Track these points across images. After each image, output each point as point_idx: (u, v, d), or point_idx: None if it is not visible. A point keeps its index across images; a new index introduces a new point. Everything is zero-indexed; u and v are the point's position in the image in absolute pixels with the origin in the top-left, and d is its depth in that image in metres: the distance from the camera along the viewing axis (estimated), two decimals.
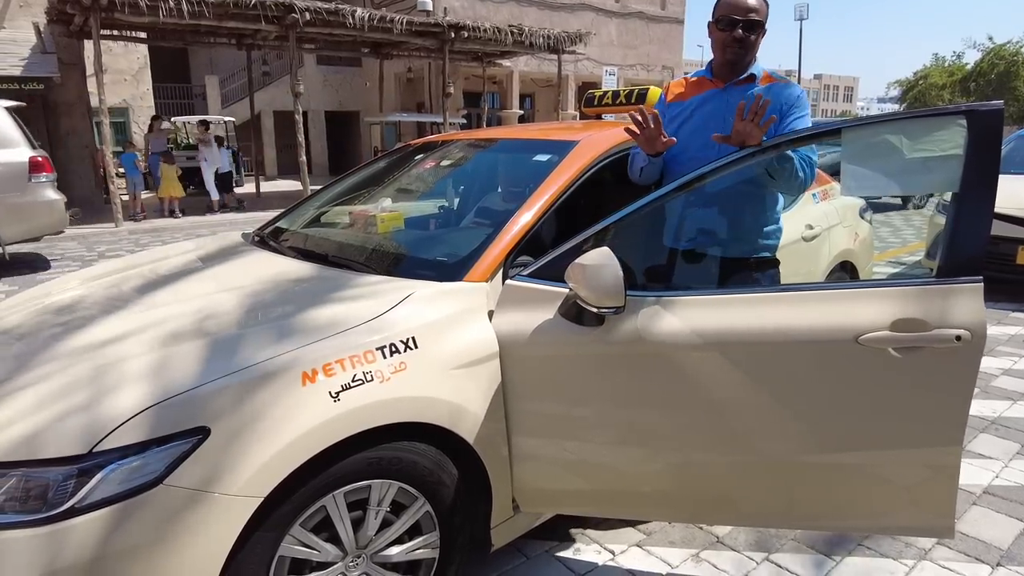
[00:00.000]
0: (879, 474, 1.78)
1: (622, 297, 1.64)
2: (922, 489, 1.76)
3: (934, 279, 1.66)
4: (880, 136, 1.77)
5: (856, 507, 1.84)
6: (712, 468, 1.84)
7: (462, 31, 12.69)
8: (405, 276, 1.92)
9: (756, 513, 1.91)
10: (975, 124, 1.63)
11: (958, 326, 1.60)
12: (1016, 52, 36.64)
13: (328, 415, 1.47)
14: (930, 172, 1.76)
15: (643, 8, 20.55)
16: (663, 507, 1.96)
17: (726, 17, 2.05)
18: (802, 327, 1.67)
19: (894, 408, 1.70)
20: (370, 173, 3.17)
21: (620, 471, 1.88)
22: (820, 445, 1.76)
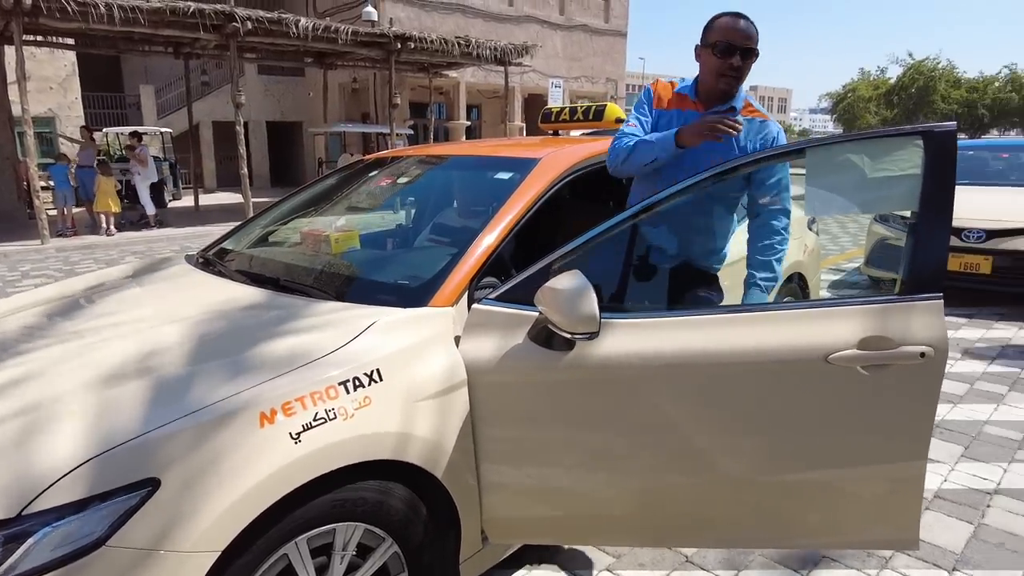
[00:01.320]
0: (847, 491, 1.79)
1: (596, 322, 1.61)
2: (889, 503, 1.78)
3: (897, 297, 1.70)
4: (842, 155, 1.81)
5: (825, 525, 1.85)
6: (685, 491, 1.82)
7: (408, 42, 12.59)
8: (366, 302, 1.84)
9: (729, 535, 1.90)
10: (931, 144, 1.68)
11: (922, 343, 1.64)
12: (933, 68, 38.90)
13: (289, 458, 1.37)
14: (890, 190, 1.82)
15: (587, 21, 20.87)
16: (635, 532, 1.92)
17: (723, 43, 1.99)
18: (775, 346, 1.67)
19: (862, 425, 1.72)
20: (321, 190, 3.06)
21: (592, 497, 1.84)
22: (791, 464, 1.76)
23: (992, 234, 5.54)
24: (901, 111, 39.40)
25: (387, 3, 16.35)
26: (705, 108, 2.10)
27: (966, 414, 3.48)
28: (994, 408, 3.57)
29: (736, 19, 2.01)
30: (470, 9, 18.03)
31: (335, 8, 17.37)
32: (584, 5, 20.89)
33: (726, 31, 1.99)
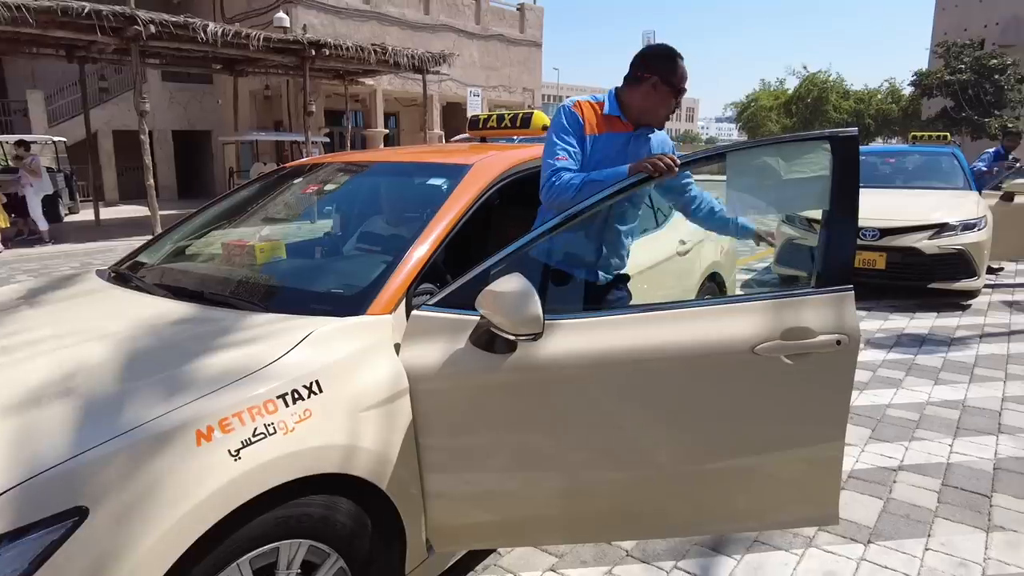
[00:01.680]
0: (772, 474, 1.90)
1: (540, 323, 1.63)
2: (810, 483, 1.91)
3: (814, 289, 1.82)
4: (760, 159, 1.93)
5: (753, 508, 1.95)
6: (625, 485, 1.87)
7: (323, 48, 12.32)
8: (300, 313, 1.79)
9: (665, 525, 1.98)
10: (836, 148, 1.82)
11: (837, 331, 1.77)
12: (825, 80, 41.70)
13: (229, 476, 1.32)
14: (803, 191, 1.97)
15: (503, 31, 21.10)
16: (577, 529, 1.96)
17: (677, 85, 2.18)
18: (708, 339, 1.76)
19: (785, 411, 1.84)
20: (240, 200, 2.95)
21: (535, 498, 1.86)
22: (723, 452, 1.86)
23: (885, 232, 6.01)
24: (799, 120, 41.99)
25: (300, 9, 15.95)
26: (635, 128, 2.24)
27: (871, 399, 3.75)
28: (894, 392, 3.86)
29: (681, 61, 2.20)
30: (386, 17, 17.86)
31: (244, 13, 16.78)
32: (499, 16, 21.12)
33: (679, 73, 2.18)
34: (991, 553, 2.30)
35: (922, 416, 3.51)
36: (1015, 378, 4.10)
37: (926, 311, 5.77)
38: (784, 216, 6.72)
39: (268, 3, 16.26)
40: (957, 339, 4.96)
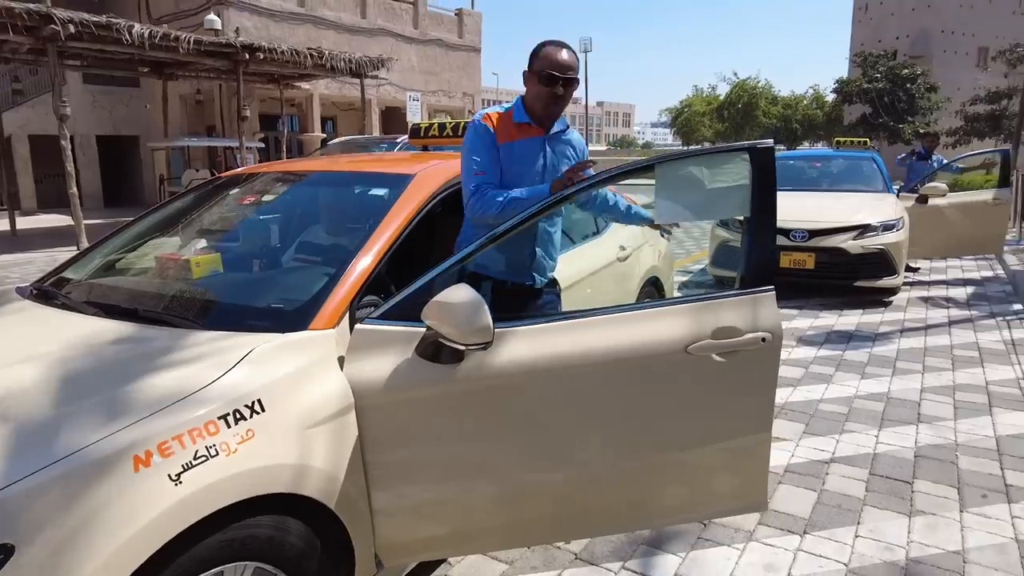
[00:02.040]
0: (706, 466, 2.00)
1: (491, 332, 1.65)
2: (742, 473, 2.01)
3: (739, 291, 1.93)
4: (685, 169, 2.02)
5: (689, 500, 2.04)
6: (571, 486, 1.91)
7: (257, 52, 11.99)
8: (240, 329, 1.74)
9: (611, 522, 2.03)
10: (755, 158, 1.92)
11: (763, 329, 1.87)
12: (755, 87, 43.38)
13: (169, 502, 1.27)
14: (726, 199, 2.04)
15: (441, 36, 21.05)
16: (526, 533, 1.98)
17: (547, 73, 2.11)
18: (646, 341, 1.83)
19: (718, 406, 1.95)
20: (173, 212, 2.85)
21: (484, 506, 1.88)
22: (661, 449, 1.93)
23: (813, 233, 6.30)
24: (731, 125, 43.54)
25: (232, 11, 15.49)
26: (545, 131, 2.23)
27: (804, 395, 3.93)
28: (825, 387, 4.05)
29: (559, 49, 2.14)
30: (322, 20, 17.55)
31: (173, 15, 16.17)
32: (438, 20, 21.07)
33: (552, 62, 2.11)
34: (913, 536, 2.45)
35: (851, 409, 3.70)
36: (932, 370, 4.37)
37: (853, 308, 6.08)
38: (719, 219, 6.96)
39: (198, 5, 15.72)
40: (881, 334, 5.24)
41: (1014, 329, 5.37)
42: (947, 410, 3.68)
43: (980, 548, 2.37)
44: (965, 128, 34.65)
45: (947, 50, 48.75)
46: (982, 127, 33.84)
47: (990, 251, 7.66)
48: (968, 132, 34.20)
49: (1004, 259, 8.23)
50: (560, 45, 2.15)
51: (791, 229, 6.35)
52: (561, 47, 2.15)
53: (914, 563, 2.29)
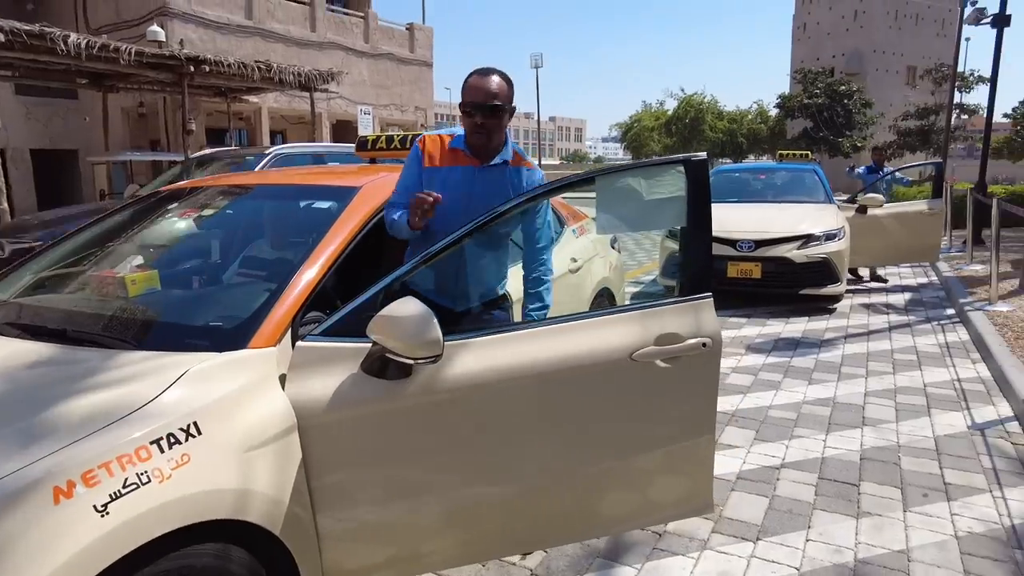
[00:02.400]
0: (655, 471, 2.03)
1: (440, 345, 1.62)
2: (688, 477, 2.05)
3: (679, 298, 1.98)
4: (624, 181, 2.07)
5: (638, 506, 2.06)
6: (522, 498, 1.90)
7: (203, 65, 11.70)
8: (175, 349, 1.66)
9: (561, 533, 2.01)
10: (689, 170, 1.97)
11: (703, 334, 1.93)
12: (701, 102, 44.60)
13: (95, 535, 1.19)
14: (664, 210, 2.11)
15: (392, 50, 20.98)
16: (479, 549, 1.95)
17: (470, 103, 2.06)
18: (592, 350, 1.84)
19: (663, 411, 1.98)
20: (109, 227, 2.73)
21: (435, 524, 1.83)
22: (610, 456, 1.95)
23: (759, 244, 6.46)
24: (679, 139, 44.56)
25: (176, 23, 15.10)
26: (481, 162, 2.16)
27: (754, 402, 4.00)
28: (774, 394, 4.13)
29: (481, 78, 2.07)
30: (270, 33, 17.27)
31: (113, 25, 15.65)
32: (389, 35, 21.00)
33: (471, 91, 2.06)
34: (861, 538, 2.50)
35: (799, 415, 3.78)
36: (875, 374, 4.51)
37: (799, 316, 6.25)
38: (668, 231, 7.09)
39: (139, 15, 15.28)
40: (826, 341, 5.39)
41: (948, 333, 5.61)
42: (889, 413, 3.80)
43: (923, 546, 2.44)
44: (898, 142, 36.39)
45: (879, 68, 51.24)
46: (913, 141, 35.61)
47: (927, 259, 8.02)
48: (901, 146, 35.92)
49: (937, 266, 8.62)
50: (485, 73, 2.09)
51: (738, 240, 6.51)
52: (485, 75, 2.08)
53: (862, 564, 2.33)
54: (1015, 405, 3.78)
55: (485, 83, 2.06)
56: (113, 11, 16.05)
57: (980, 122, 29.21)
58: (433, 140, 2.21)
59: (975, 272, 7.96)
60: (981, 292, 6.61)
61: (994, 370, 4.44)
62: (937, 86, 36.41)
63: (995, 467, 3.09)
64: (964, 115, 36.21)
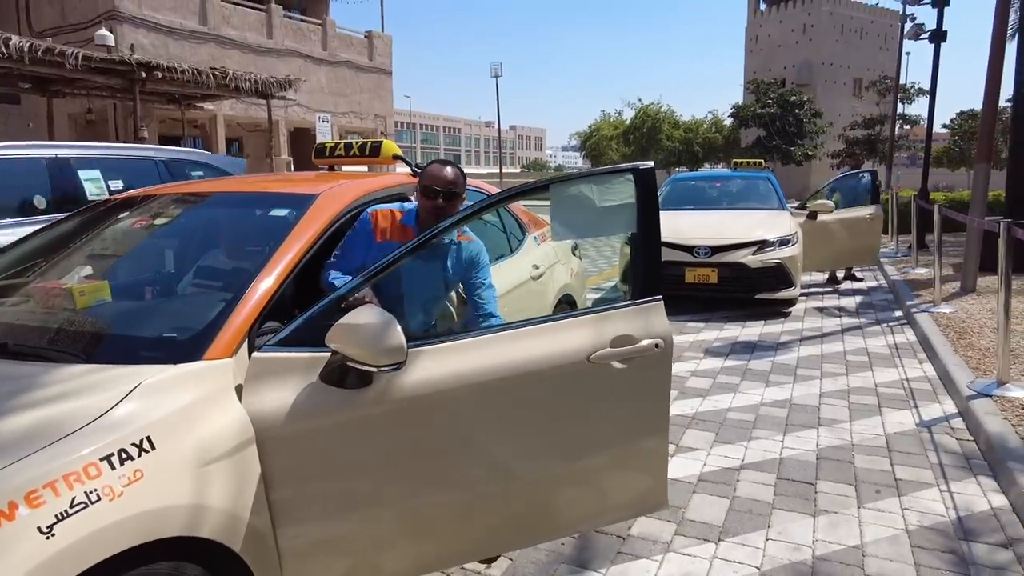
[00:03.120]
0: (611, 470, 2.07)
1: (404, 351, 1.62)
2: (643, 475, 2.11)
3: (632, 302, 2.04)
4: (577, 189, 2.15)
5: (596, 505, 2.09)
6: (483, 503, 1.90)
7: (155, 71, 11.40)
8: (127, 362, 1.61)
9: (522, 536, 2.03)
10: (638, 178, 2.05)
11: (655, 336, 1.99)
12: (658, 112, 45.40)
13: (39, 559, 1.14)
14: (615, 216, 2.18)
15: (351, 58, 20.82)
16: (442, 556, 1.94)
17: (428, 188, 2.31)
18: (551, 353, 1.88)
19: (619, 411, 2.03)
20: (55, 237, 2.63)
21: (397, 533, 1.82)
22: (569, 457, 1.98)
23: (716, 250, 6.60)
24: (637, 148, 45.26)
25: (126, 27, 14.69)
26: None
27: (713, 404, 4.07)
28: (733, 396, 4.21)
29: (443, 167, 2.37)
30: (225, 40, 16.96)
31: (59, 28, 15.15)
32: (347, 42, 20.83)
33: (432, 177, 2.32)
34: (818, 535, 2.56)
35: (758, 417, 3.86)
36: (829, 375, 4.64)
37: (755, 320, 6.39)
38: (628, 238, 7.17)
39: (86, 19, 14.82)
40: (782, 344, 5.53)
41: (896, 334, 5.81)
42: (843, 413, 3.91)
43: (876, 541, 2.51)
44: (847, 151, 37.63)
45: (828, 80, 53.00)
46: (860, 150, 36.95)
47: (868, 262, 8.36)
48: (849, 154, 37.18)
49: (886, 269, 8.93)
50: (444, 163, 2.39)
51: (695, 246, 6.63)
52: (445, 165, 2.38)
53: (820, 561, 2.39)
54: (958, 403, 3.93)
55: (444, 172, 2.34)
56: (59, 14, 15.54)
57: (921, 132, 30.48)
58: (385, 215, 2.38)
59: (920, 275, 8.28)
60: (926, 295, 6.88)
61: (939, 369, 4.61)
62: (881, 97, 37.91)
63: (941, 462, 3.20)
64: (907, 125, 37.77)
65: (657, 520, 2.68)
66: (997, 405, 3.64)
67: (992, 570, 2.32)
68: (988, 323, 5.52)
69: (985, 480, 3.00)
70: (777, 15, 55.94)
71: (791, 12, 54.80)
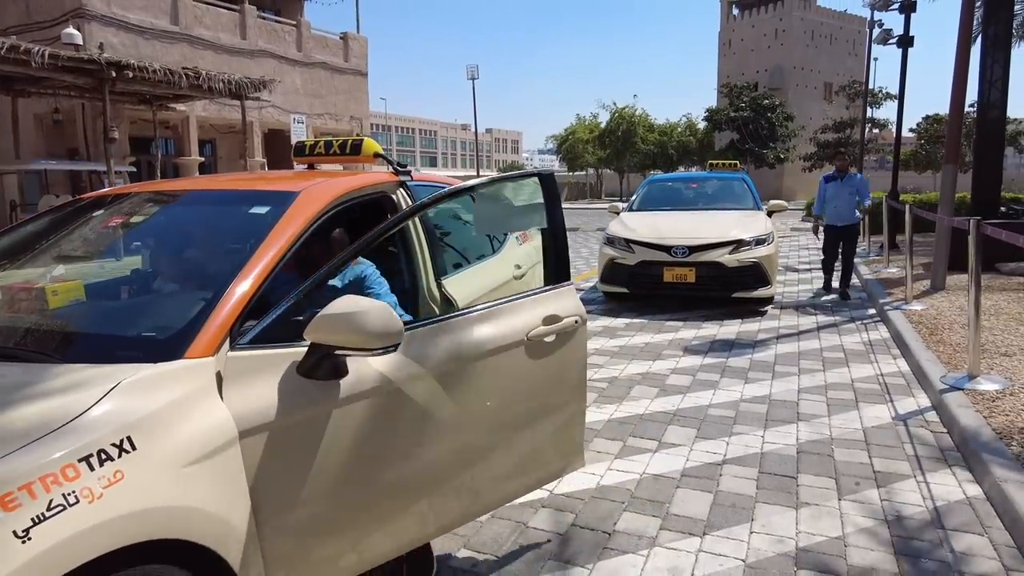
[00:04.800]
0: (540, 437, 2.33)
1: (402, 332, 1.70)
2: (564, 438, 2.42)
3: (552, 286, 2.40)
4: (498, 190, 2.52)
5: (524, 473, 2.31)
6: (445, 476, 2.05)
7: (126, 70, 11.19)
8: (105, 361, 1.56)
9: (478, 504, 2.20)
10: (542, 182, 2.44)
11: (573, 314, 2.37)
12: (632, 114, 45.73)
13: (14, 564, 1.10)
14: (530, 214, 2.55)
15: (326, 59, 20.66)
16: (413, 535, 2.01)
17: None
18: (499, 334, 2.16)
19: (550, 381, 2.34)
20: (25, 236, 2.55)
21: (376, 519, 1.89)
22: (520, 424, 2.26)
23: (693, 249, 6.66)
24: (612, 151, 45.58)
25: (94, 25, 14.39)
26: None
27: (694, 401, 4.10)
28: (713, 393, 4.25)
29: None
30: (198, 40, 16.71)
31: (24, 26, 14.78)
32: (323, 44, 20.67)
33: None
34: (801, 527, 2.59)
35: (738, 413, 3.90)
36: (806, 372, 4.71)
37: (732, 318, 6.46)
38: (606, 239, 7.22)
39: (52, 17, 14.49)
40: (759, 341, 5.59)
41: (871, 331, 5.92)
42: (822, 407, 3.97)
43: (857, 532, 2.55)
44: (818, 153, 38.36)
45: (799, 84, 53.96)
46: (831, 153, 37.67)
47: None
48: (821, 157, 37.89)
49: (859, 269, 9.10)
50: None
51: (672, 246, 6.69)
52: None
53: (803, 552, 2.41)
54: (932, 396, 4.01)
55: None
56: (23, 11, 15.20)
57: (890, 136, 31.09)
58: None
59: (892, 274, 8.44)
60: (898, 293, 7.02)
61: (912, 364, 4.71)
62: (851, 101, 38.69)
63: (917, 454, 3.26)
64: (876, 129, 38.57)
65: (642, 515, 2.69)
66: (969, 398, 3.72)
67: (968, 557, 2.36)
68: (958, 319, 5.64)
69: (959, 471, 3.06)
70: (750, 20, 56.83)
71: (763, 17, 55.73)
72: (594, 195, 50.43)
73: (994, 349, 4.67)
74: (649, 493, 2.90)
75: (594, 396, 4.21)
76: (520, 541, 2.51)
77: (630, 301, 7.25)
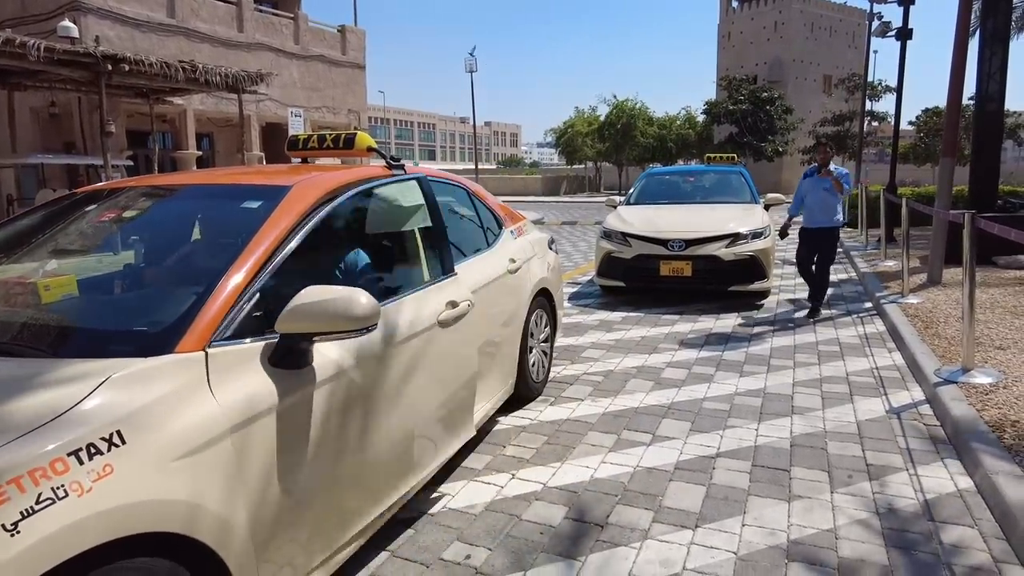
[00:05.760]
0: (448, 411, 2.65)
1: (379, 311, 1.86)
2: (460, 411, 2.76)
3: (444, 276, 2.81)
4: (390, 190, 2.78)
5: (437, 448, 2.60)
6: (401, 447, 2.32)
7: (122, 64, 11.13)
8: (96, 356, 1.57)
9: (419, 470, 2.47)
10: (420, 184, 2.91)
11: (465, 299, 2.81)
12: (632, 108, 45.57)
13: (3, 556, 1.11)
14: (415, 213, 2.83)
15: (324, 52, 20.57)
16: (387, 492, 2.25)
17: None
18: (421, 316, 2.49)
19: (453, 359, 2.70)
20: (18, 230, 2.56)
21: (352, 497, 2.05)
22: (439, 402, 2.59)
23: (690, 243, 6.66)
24: (611, 144, 45.44)
25: (91, 19, 14.33)
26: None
27: (689, 395, 4.11)
28: (708, 387, 4.26)
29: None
30: (195, 33, 16.63)
31: (18, 19, 14.72)
32: (320, 36, 20.58)
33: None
34: (793, 520, 2.60)
35: (732, 406, 3.91)
36: (801, 365, 4.72)
37: (728, 312, 6.46)
38: (603, 232, 7.22)
39: (48, 10, 14.42)
40: (755, 335, 5.60)
41: (866, 325, 5.93)
42: (816, 401, 3.98)
43: (849, 524, 2.56)
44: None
45: (798, 76, 53.80)
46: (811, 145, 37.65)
47: None
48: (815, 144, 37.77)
49: (855, 262, 9.10)
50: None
51: (669, 240, 6.68)
52: None
53: (794, 544, 2.43)
54: (926, 389, 4.03)
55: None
56: (19, 4, 15.12)
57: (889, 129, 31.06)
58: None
59: (888, 268, 8.45)
60: (894, 286, 7.02)
61: (907, 358, 4.72)
62: (850, 94, 38.57)
63: (910, 447, 3.28)
64: (875, 122, 38.48)
65: (635, 508, 2.70)
66: (962, 391, 3.74)
67: (959, 549, 2.38)
68: (953, 313, 5.65)
69: (952, 463, 3.08)
70: (749, 12, 56.60)
71: (762, 10, 55.50)
72: (593, 188, 50.33)
73: (989, 342, 4.68)
74: (642, 486, 2.91)
75: (589, 390, 4.22)
76: (513, 533, 2.53)
77: (627, 295, 7.25)
